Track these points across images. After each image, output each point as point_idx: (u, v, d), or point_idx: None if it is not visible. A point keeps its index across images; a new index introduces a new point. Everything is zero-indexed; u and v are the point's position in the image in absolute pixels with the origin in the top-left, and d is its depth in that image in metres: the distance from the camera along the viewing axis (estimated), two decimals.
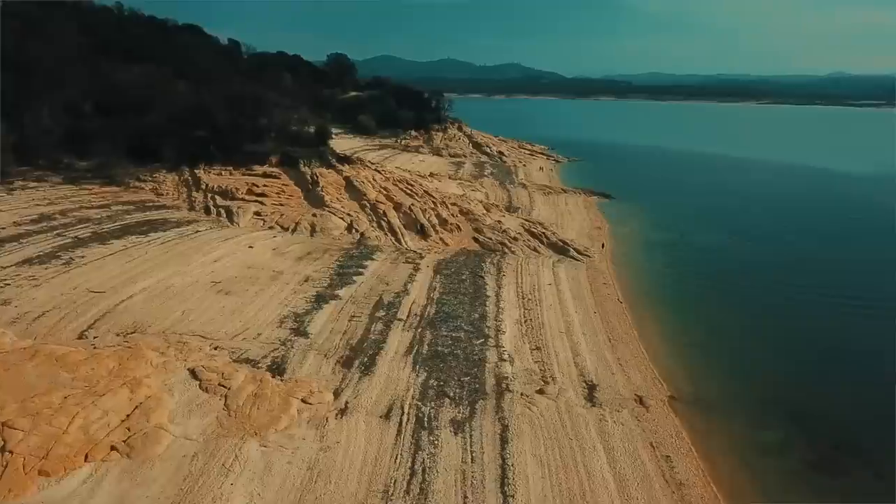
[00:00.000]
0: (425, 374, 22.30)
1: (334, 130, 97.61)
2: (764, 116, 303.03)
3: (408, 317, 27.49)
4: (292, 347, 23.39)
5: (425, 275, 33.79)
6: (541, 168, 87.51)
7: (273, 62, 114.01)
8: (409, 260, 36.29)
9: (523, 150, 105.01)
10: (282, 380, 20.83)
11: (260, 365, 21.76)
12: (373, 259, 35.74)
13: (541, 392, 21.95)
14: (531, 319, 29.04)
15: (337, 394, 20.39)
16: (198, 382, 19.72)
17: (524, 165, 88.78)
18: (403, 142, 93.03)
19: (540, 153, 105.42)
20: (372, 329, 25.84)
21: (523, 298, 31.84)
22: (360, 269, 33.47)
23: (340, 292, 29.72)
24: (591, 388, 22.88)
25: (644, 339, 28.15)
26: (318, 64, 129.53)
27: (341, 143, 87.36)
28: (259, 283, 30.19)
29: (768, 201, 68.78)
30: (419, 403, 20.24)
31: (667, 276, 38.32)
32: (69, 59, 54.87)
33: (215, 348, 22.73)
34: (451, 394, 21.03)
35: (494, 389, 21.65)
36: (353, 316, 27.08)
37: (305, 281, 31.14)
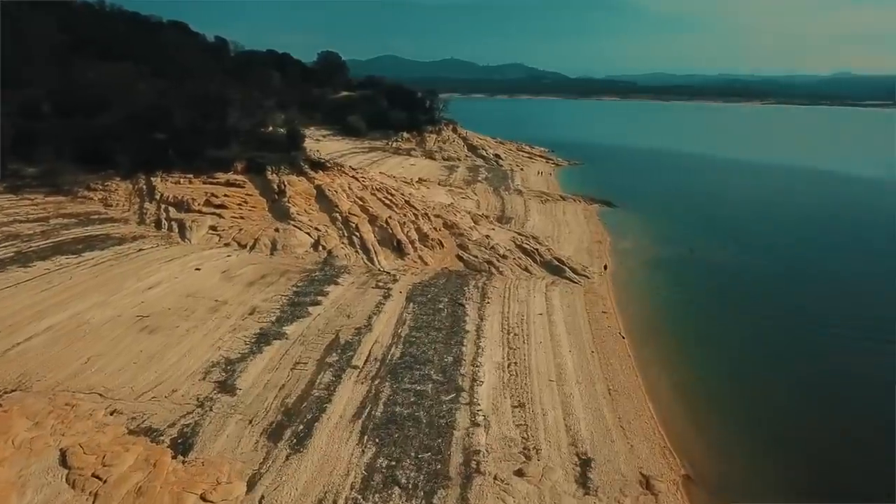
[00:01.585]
0: (374, 448, 17.57)
1: (322, 132, 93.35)
2: (770, 117, 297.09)
3: (365, 363, 22.77)
4: (211, 410, 18.71)
5: (396, 303, 29.08)
6: (539, 172, 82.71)
7: (261, 60, 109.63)
8: (380, 284, 31.57)
9: (522, 153, 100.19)
10: (185, 461, 16.15)
11: (163, 437, 17.09)
12: (337, 283, 31.03)
13: (520, 473, 17.21)
14: (516, 362, 24.31)
15: (252, 483, 15.69)
16: (66, 471, 15.05)
17: (522, 169, 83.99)
18: (395, 144, 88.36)
19: (539, 156, 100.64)
20: (318, 381, 21.13)
21: (509, 333, 27.10)
22: (320, 297, 28.75)
23: (289, 329, 25.02)
24: (585, 465, 18.12)
25: (651, 389, 23.40)
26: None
27: (328, 145, 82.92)
28: (194, 317, 25.52)
29: (783, 209, 63.89)
30: (359, 497, 15.53)
31: (676, 303, 33.46)
32: (34, 58, 50.77)
33: (112, 412, 18.08)
34: (404, 479, 16.32)
35: (461, 471, 16.91)
36: (298, 362, 22.38)
37: (251, 314, 26.45)
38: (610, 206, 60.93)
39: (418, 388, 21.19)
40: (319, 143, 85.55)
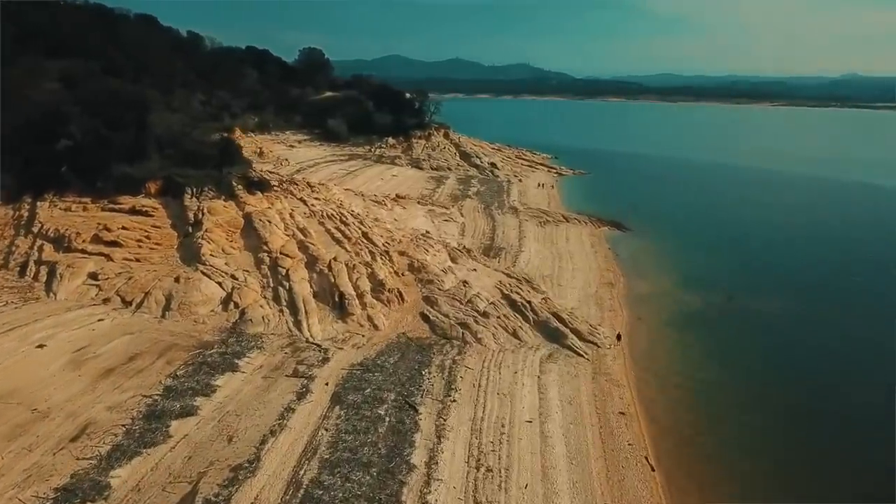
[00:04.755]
0: None
1: (298, 137, 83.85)
2: (785, 120, 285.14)
3: None
4: None
5: (313, 408, 19.64)
6: (540, 184, 72.94)
7: (238, 58, 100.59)
8: (301, 369, 22.08)
9: (521, 161, 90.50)
10: None
11: None
12: (236, 370, 21.59)
13: None
14: None
15: None
16: None
17: (520, 181, 74.30)
18: (378, 151, 78.88)
19: (541, 164, 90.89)
20: None
21: (479, 467, 17.59)
22: (198, 400, 19.31)
23: (118, 475, 15.57)
24: None
25: None
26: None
27: (301, 152, 73.69)
28: None
29: (834, 232, 53.79)
30: None
31: (723, 395, 23.74)
32: None
33: None
34: None
35: None
36: None
37: (75, 438, 17.03)
38: (621, 229, 51.33)
39: None
40: (292, 150, 76.14)
